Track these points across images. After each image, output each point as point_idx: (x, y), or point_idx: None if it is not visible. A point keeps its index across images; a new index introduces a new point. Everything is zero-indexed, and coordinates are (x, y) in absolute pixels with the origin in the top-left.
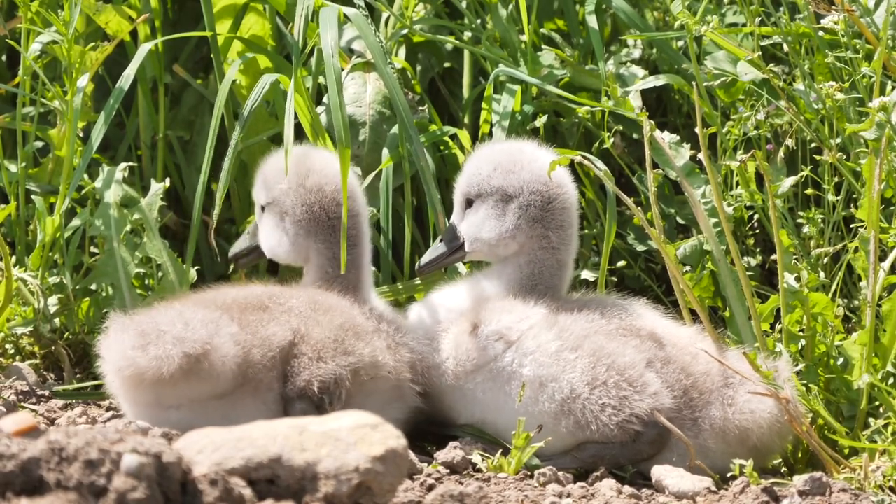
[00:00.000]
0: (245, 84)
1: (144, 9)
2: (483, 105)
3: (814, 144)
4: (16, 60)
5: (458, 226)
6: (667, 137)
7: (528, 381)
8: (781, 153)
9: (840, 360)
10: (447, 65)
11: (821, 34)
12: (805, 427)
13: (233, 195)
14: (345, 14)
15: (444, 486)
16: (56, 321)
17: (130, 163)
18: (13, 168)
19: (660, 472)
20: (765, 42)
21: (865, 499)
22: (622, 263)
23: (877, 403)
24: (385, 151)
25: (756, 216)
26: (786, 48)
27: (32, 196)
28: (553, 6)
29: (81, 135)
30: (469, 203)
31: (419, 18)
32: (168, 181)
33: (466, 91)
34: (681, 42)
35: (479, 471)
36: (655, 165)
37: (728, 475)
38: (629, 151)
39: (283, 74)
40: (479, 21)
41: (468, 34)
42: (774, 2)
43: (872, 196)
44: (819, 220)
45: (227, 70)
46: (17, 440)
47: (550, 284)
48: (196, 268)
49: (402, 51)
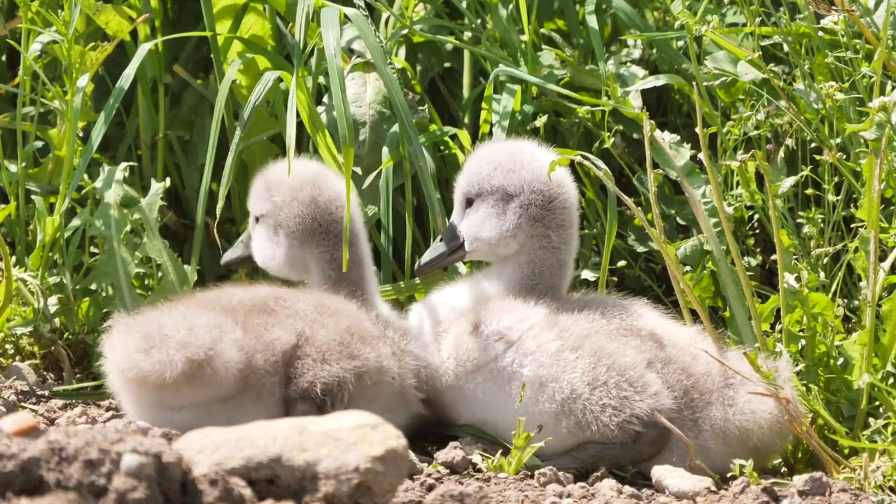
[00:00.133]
0: (245, 84)
1: (144, 9)
2: (483, 105)
3: (814, 144)
4: (16, 60)
5: (459, 225)
6: (667, 137)
7: (529, 382)
8: (781, 153)
9: (840, 360)
10: (447, 65)
11: (821, 34)
12: (805, 427)
13: (233, 195)
14: (345, 14)
15: (444, 486)
16: (56, 321)
17: (130, 163)
18: (13, 168)
19: (660, 473)
20: (765, 42)
21: (865, 499)
22: (622, 263)
23: (877, 403)
24: (385, 151)
25: (756, 216)
26: (786, 48)
27: (32, 196)
28: (553, 6)
29: (81, 135)
30: (469, 202)
31: (419, 18)
32: (168, 181)
33: (466, 91)
34: (681, 42)
35: (480, 471)
36: (656, 165)
37: (728, 475)
38: (629, 151)
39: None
40: (479, 21)
41: (468, 34)
42: (774, 2)
43: (872, 196)
44: (819, 220)
45: (227, 70)
46: (17, 440)
47: (551, 284)
48: (197, 268)
49: (402, 51)
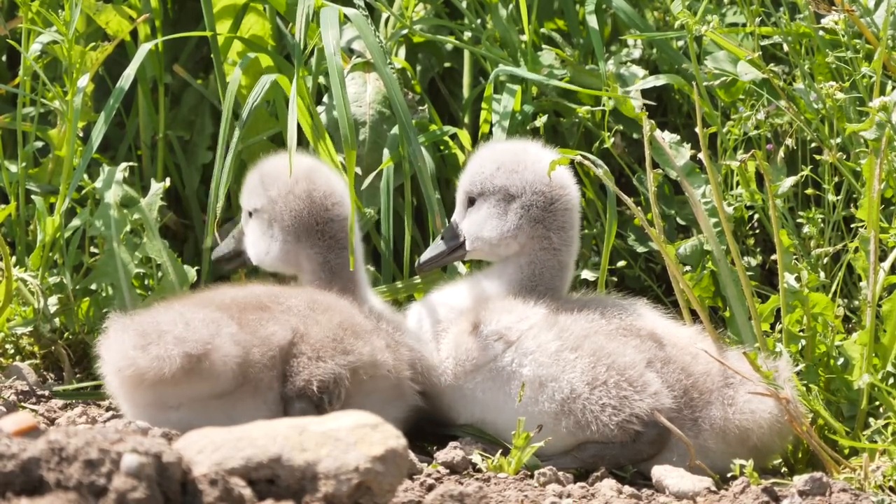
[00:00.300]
0: (245, 84)
1: (144, 9)
2: (483, 105)
3: (814, 144)
4: (16, 60)
5: (460, 224)
6: (667, 137)
7: (528, 381)
8: (781, 153)
9: (840, 360)
10: (447, 65)
11: (821, 34)
12: (805, 427)
13: (232, 195)
14: (344, 14)
15: (444, 486)
16: (56, 321)
17: (130, 163)
18: (13, 168)
19: (660, 472)
20: (765, 42)
21: (865, 499)
22: (622, 263)
23: (877, 403)
24: (385, 151)
25: (756, 216)
26: (786, 48)
27: (32, 196)
28: (553, 6)
29: (81, 135)
30: (471, 201)
31: (419, 18)
32: (168, 181)
33: (466, 91)
34: (681, 42)
35: (479, 471)
36: (655, 165)
37: (728, 475)
38: (629, 151)
39: (283, 74)
40: (479, 21)
41: (468, 34)
42: (774, 2)
43: (872, 196)
44: (819, 220)
45: (227, 70)
46: (17, 440)
47: (551, 286)
48: (196, 268)
49: (402, 51)
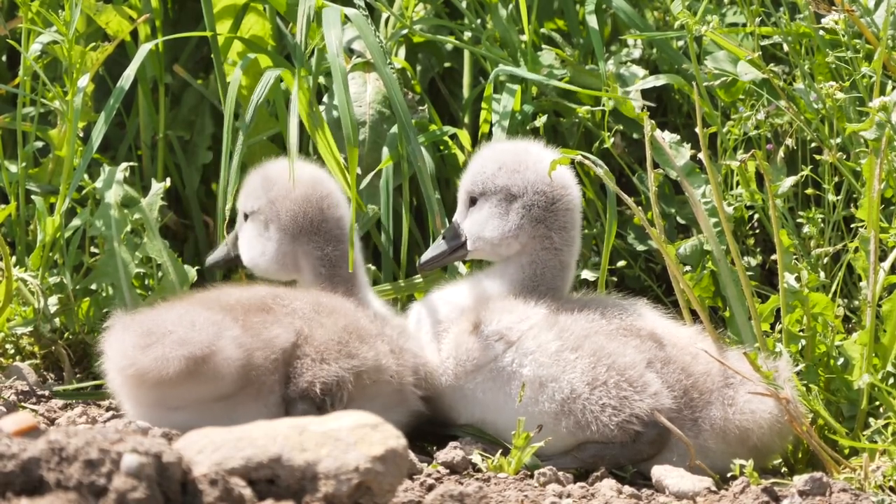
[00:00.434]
0: (245, 84)
1: (145, 9)
2: (483, 105)
3: (814, 144)
4: (16, 60)
5: (461, 224)
6: (667, 137)
7: (529, 381)
8: (781, 153)
9: (840, 360)
10: (447, 65)
11: (821, 34)
12: (805, 427)
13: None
14: (345, 14)
15: (444, 486)
16: (56, 321)
17: (131, 163)
18: (13, 168)
19: (660, 472)
20: (765, 42)
21: (865, 499)
22: (622, 263)
23: (877, 403)
24: (385, 151)
25: (756, 216)
26: (786, 48)
27: (32, 196)
28: (553, 6)
29: (81, 135)
30: (473, 201)
31: (419, 18)
32: (168, 181)
33: (466, 91)
34: (681, 42)
35: (479, 471)
36: (656, 165)
37: (728, 475)
38: (629, 151)
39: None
40: (479, 21)
41: (468, 34)
42: (774, 2)
43: (872, 196)
44: (819, 220)
45: (228, 70)
46: (17, 440)
47: (552, 286)
48: (196, 268)
49: (402, 51)
